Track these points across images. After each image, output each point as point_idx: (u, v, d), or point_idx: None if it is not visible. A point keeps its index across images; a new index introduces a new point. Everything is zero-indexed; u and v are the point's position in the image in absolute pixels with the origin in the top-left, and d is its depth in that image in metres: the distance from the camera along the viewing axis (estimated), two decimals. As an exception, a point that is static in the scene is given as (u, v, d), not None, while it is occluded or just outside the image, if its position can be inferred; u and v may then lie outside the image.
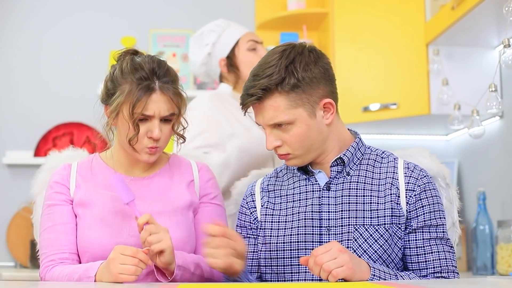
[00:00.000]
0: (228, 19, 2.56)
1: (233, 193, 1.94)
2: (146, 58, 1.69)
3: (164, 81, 1.66)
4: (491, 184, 2.85)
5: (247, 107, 1.62)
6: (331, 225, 1.61)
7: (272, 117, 1.59)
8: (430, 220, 1.61)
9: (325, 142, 1.64)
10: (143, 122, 1.65)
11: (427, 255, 1.60)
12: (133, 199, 1.59)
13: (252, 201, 1.74)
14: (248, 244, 1.69)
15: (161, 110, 1.64)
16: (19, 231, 3.37)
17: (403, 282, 1.44)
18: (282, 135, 1.60)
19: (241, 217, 1.75)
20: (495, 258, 2.50)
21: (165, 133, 1.68)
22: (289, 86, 1.57)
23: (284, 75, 1.57)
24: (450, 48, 2.86)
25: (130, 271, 1.46)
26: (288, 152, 1.62)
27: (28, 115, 3.54)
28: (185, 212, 1.74)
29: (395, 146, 3.38)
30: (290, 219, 1.65)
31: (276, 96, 1.57)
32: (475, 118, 2.48)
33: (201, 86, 3.57)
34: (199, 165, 1.84)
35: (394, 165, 1.67)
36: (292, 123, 1.59)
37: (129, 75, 1.65)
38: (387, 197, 1.62)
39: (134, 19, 3.66)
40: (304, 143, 1.60)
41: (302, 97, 1.58)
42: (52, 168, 1.85)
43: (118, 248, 1.50)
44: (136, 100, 1.62)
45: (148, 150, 1.67)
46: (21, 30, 3.60)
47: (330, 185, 1.65)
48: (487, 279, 1.84)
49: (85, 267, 1.58)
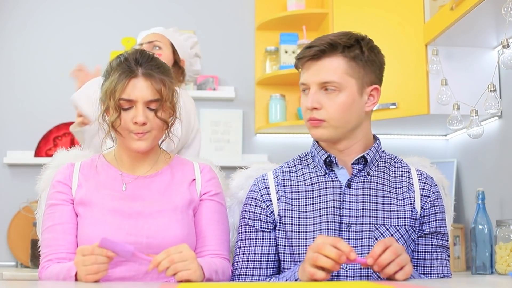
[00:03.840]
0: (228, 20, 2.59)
1: (231, 185, 1.91)
2: (132, 50, 1.75)
3: (147, 67, 1.70)
4: (490, 184, 2.86)
5: (303, 61, 1.63)
6: (351, 222, 1.61)
7: (325, 76, 1.61)
8: (441, 228, 1.66)
9: (357, 128, 1.66)
10: (128, 110, 1.68)
11: (433, 261, 1.63)
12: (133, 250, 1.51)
13: (267, 194, 1.71)
14: (263, 238, 1.69)
15: (144, 95, 1.68)
16: (20, 231, 3.38)
17: (404, 282, 1.45)
18: (324, 100, 1.62)
19: (254, 210, 1.71)
20: (494, 258, 2.51)
21: (151, 120, 1.69)
22: (353, 54, 1.61)
23: (353, 43, 1.62)
24: (449, 49, 2.87)
25: (93, 270, 1.46)
26: (324, 118, 1.62)
27: (29, 115, 3.54)
28: (185, 211, 1.74)
29: (394, 146, 3.39)
30: (310, 215, 1.64)
31: (338, 57, 1.61)
32: (474, 118, 2.48)
33: (201, 86, 3.58)
34: (201, 165, 1.84)
35: (408, 171, 1.70)
36: (340, 89, 1.61)
37: (116, 66, 1.71)
38: (405, 200, 1.64)
39: (134, 19, 3.66)
40: (343, 115, 1.61)
41: (360, 70, 1.62)
42: (59, 165, 1.86)
43: (79, 250, 1.50)
44: (116, 83, 1.67)
45: (135, 136, 1.69)
46: (21, 30, 3.61)
47: (351, 183, 1.65)
48: (486, 279, 1.85)
49: (68, 267, 1.59)
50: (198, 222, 1.76)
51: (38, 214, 1.92)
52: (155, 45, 2.63)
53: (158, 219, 1.70)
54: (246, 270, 1.68)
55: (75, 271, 1.54)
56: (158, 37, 2.65)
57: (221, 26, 3.67)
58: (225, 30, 3.67)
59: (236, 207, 1.86)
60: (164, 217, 1.70)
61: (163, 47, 2.64)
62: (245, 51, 3.65)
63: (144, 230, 1.68)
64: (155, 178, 1.78)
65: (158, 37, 2.64)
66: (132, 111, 1.68)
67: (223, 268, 1.68)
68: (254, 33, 3.65)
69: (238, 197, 1.86)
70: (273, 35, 3.55)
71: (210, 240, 1.73)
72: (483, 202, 2.63)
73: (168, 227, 1.69)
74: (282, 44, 3.47)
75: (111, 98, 1.67)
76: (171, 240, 1.67)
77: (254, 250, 1.69)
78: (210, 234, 1.74)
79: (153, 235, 1.68)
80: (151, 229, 1.68)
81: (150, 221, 1.69)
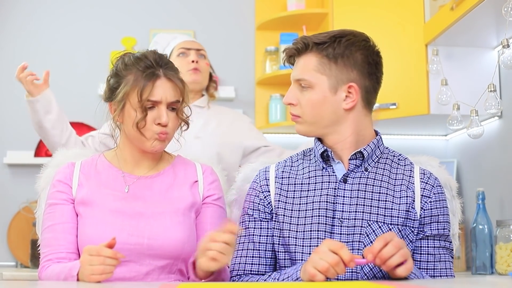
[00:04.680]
0: (228, 20, 2.60)
1: (237, 178, 1.93)
2: (147, 50, 1.76)
3: (167, 68, 1.72)
4: (490, 184, 2.86)
5: (287, 55, 1.71)
6: (344, 217, 1.61)
7: (298, 73, 1.67)
8: (443, 230, 1.65)
9: (338, 125, 1.66)
10: (151, 110, 1.69)
11: (436, 263, 1.62)
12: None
13: (266, 185, 1.73)
14: (261, 228, 1.70)
15: (168, 96, 1.70)
16: (20, 231, 3.38)
17: (403, 282, 1.45)
18: (299, 96, 1.67)
19: (254, 200, 1.73)
20: (494, 258, 2.51)
21: (172, 120, 1.71)
22: (324, 52, 1.64)
23: (327, 41, 1.65)
24: (449, 49, 2.87)
25: (98, 270, 1.46)
26: (299, 114, 1.68)
27: (28, 115, 3.54)
28: (187, 213, 1.75)
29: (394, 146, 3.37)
30: (304, 208, 1.65)
31: (310, 55, 1.66)
32: (474, 118, 2.48)
33: (201, 86, 3.58)
34: (203, 166, 1.84)
35: (410, 169, 1.69)
36: (311, 86, 1.65)
37: (133, 66, 1.71)
38: (402, 199, 1.64)
39: (134, 19, 3.66)
40: (315, 112, 1.65)
41: (331, 68, 1.64)
42: (59, 164, 1.86)
43: (86, 249, 1.50)
44: (143, 86, 1.67)
45: (158, 136, 1.70)
46: (21, 30, 3.60)
47: (347, 178, 1.65)
48: (486, 279, 1.85)
49: (69, 266, 1.59)
50: (202, 226, 1.76)
51: (38, 213, 1.92)
52: (202, 54, 2.64)
53: (159, 221, 1.70)
54: (246, 258, 1.69)
55: (77, 270, 1.54)
56: (202, 46, 2.66)
57: (221, 26, 3.67)
58: (225, 30, 3.67)
59: (242, 200, 1.86)
60: (165, 218, 1.70)
61: (207, 57, 2.66)
62: (245, 51, 3.65)
63: (146, 231, 1.68)
64: (157, 178, 1.78)
65: (202, 47, 2.65)
66: (155, 112, 1.69)
67: (225, 269, 1.69)
68: (254, 33, 3.65)
69: (244, 189, 1.87)
70: (273, 35, 3.54)
71: None
72: (483, 202, 2.63)
73: (169, 229, 1.69)
74: (282, 44, 3.47)
75: (139, 99, 1.67)
76: (173, 242, 1.67)
77: (253, 239, 1.70)
78: None
79: (154, 237, 1.68)
80: (153, 231, 1.68)
81: (151, 223, 1.69)
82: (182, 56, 2.61)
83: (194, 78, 2.58)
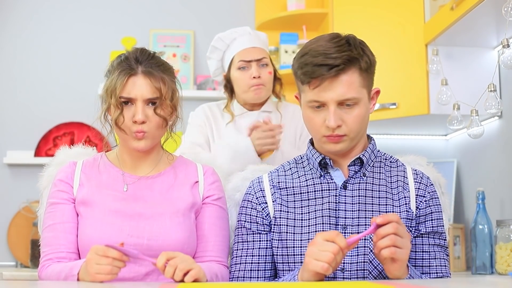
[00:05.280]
0: (228, 20, 2.58)
1: (228, 187, 1.90)
2: (132, 49, 1.75)
3: (147, 65, 1.70)
4: (490, 183, 2.86)
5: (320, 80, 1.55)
6: (347, 224, 1.61)
7: (344, 93, 1.56)
8: (437, 227, 1.65)
9: (365, 132, 1.66)
10: (128, 107, 1.68)
11: (431, 261, 1.63)
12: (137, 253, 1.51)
13: (263, 197, 1.71)
14: (260, 240, 1.69)
15: (144, 93, 1.68)
16: (20, 231, 3.38)
17: (403, 282, 1.45)
18: (343, 115, 1.58)
19: (251, 213, 1.71)
20: (494, 258, 2.51)
21: (150, 118, 1.69)
22: (365, 65, 1.58)
23: (362, 53, 1.58)
24: (449, 48, 2.87)
25: (106, 270, 1.45)
26: (346, 133, 1.59)
27: (28, 115, 3.55)
28: (187, 213, 1.74)
29: (394, 146, 3.40)
30: (306, 217, 1.64)
31: (353, 71, 1.57)
32: (474, 118, 2.48)
33: (201, 86, 3.58)
34: (204, 167, 1.84)
35: (403, 170, 1.70)
36: (357, 102, 1.58)
37: (116, 65, 1.71)
38: (400, 200, 1.64)
39: (134, 19, 3.66)
40: (361, 126, 1.61)
41: (369, 78, 1.61)
42: (61, 163, 1.86)
43: (94, 248, 1.49)
44: (116, 81, 1.67)
45: (135, 135, 1.69)
46: (22, 30, 3.61)
47: (347, 184, 1.65)
48: (486, 279, 1.85)
49: (70, 266, 1.59)
50: (201, 226, 1.76)
51: (40, 211, 1.91)
52: (264, 62, 2.48)
53: (159, 221, 1.69)
54: (244, 272, 1.68)
55: (78, 270, 1.53)
56: (263, 52, 2.50)
57: (221, 26, 3.64)
58: (225, 30, 3.66)
59: (233, 209, 1.85)
60: (165, 219, 1.70)
61: (269, 63, 2.50)
62: (245, 51, 3.65)
63: (145, 232, 1.68)
64: (157, 178, 1.77)
65: (263, 53, 2.50)
66: (131, 109, 1.68)
67: (221, 273, 1.68)
68: (254, 33, 3.65)
69: (234, 199, 1.86)
70: (273, 35, 3.54)
71: (211, 246, 1.74)
72: (483, 202, 2.63)
73: (169, 229, 1.69)
74: (282, 44, 3.47)
75: (111, 96, 1.67)
76: (172, 242, 1.67)
77: (252, 252, 1.68)
78: (212, 240, 1.74)
79: (154, 237, 1.67)
80: (152, 231, 1.68)
81: (151, 223, 1.69)
82: (242, 70, 2.46)
83: (258, 96, 2.45)
